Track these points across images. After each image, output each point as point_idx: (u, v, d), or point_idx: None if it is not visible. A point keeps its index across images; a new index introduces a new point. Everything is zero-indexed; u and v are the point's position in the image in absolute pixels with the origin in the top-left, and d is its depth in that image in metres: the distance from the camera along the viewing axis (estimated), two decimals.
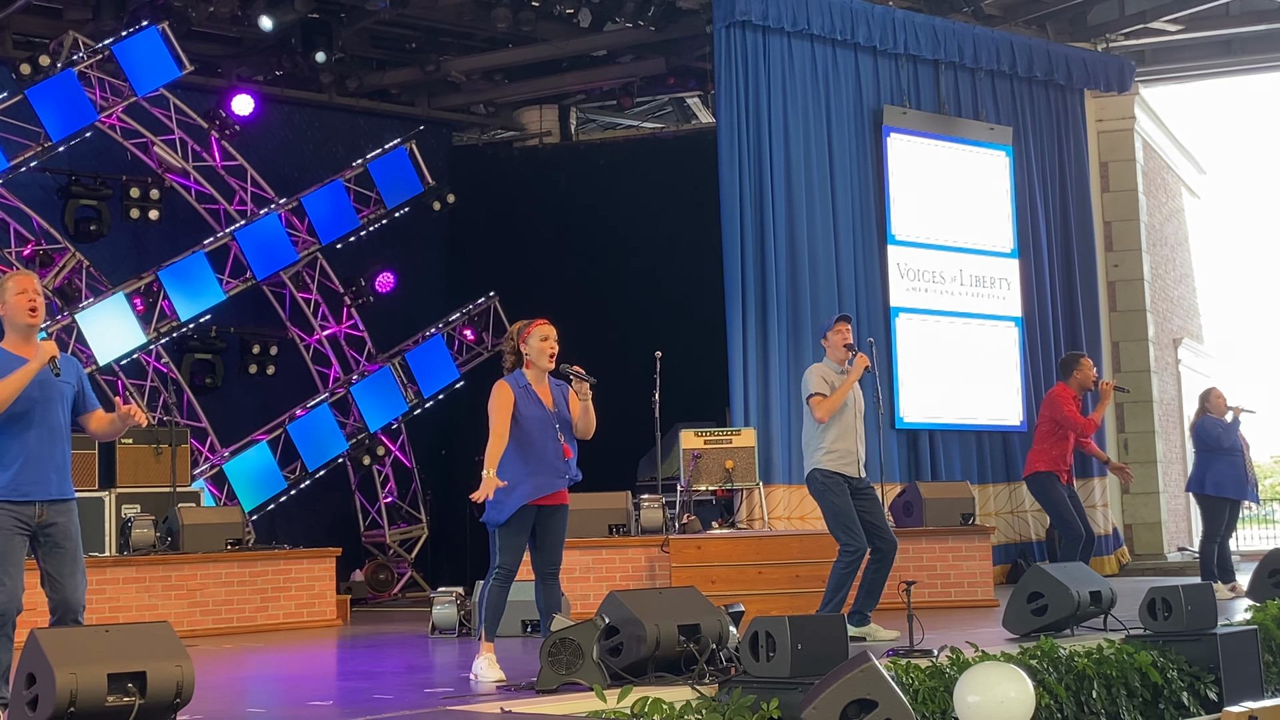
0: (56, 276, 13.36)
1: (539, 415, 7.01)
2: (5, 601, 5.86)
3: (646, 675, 6.44)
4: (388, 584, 14.84)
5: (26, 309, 6.00)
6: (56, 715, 5.16)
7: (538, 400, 7.03)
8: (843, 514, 8.44)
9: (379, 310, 15.44)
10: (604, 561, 10.88)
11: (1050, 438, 10.18)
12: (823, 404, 8.47)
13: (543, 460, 6.98)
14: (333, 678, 8.34)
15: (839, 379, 8.57)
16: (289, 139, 15.84)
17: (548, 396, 7.09)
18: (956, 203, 14.54)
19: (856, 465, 8.52)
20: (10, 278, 6.09)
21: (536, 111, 17.33)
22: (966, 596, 11.14)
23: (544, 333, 7.06)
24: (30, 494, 5.90)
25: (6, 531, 5.86)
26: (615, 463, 13.53)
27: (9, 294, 6.01)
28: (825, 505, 8.53)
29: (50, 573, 5.99)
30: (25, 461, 5.90)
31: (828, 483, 8.47)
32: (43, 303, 6.11)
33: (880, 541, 8.54)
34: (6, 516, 5.87)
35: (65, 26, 13.43)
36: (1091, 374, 10.45)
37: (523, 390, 7.01)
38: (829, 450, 8.48)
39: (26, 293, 6.01)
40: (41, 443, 5.94)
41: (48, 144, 12.89)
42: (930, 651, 7.02)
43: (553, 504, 7.09)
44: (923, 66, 14.51)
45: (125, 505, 12.00)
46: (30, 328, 6.04)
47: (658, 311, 15.27)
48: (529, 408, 6.98)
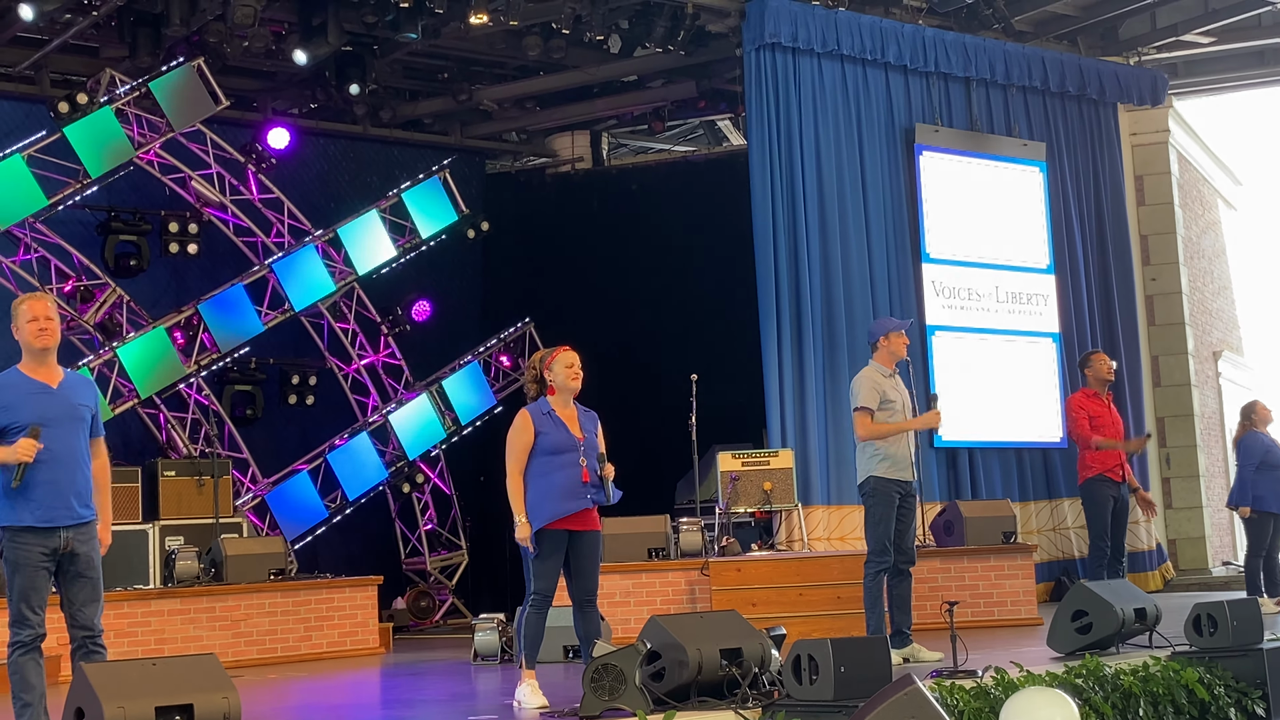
0: (97, 312, 13.48)
1: (562, 440, 7.04)
2: (34, 631, 5.93)
3: (689, 700, 6.43)
4: (429, 611, 14.87)
5: (35, 333, 6.05)
6: None
7: (563, 425, 7.06)
8: (881, 524, 8.50)
9: (416, 339, 15.51)
10: (644, 585, 10.88)
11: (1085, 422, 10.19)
12: (869, 427, 8.50)
13: (562, 485, 7.00)
14: (377, 706, 8.38)
15: (890, 383, 8.59)
16: (324, 171, 15.97)
17: (574, 422, 7.11)
18: (991, 219, 14.51)
19: (910, 468, 8.59)
20: (23, 301, 6.15)
21: (568, 138, 17.40)
22: (1010, 616, 11.07)
23: (568, 360, 7.09)
24: (55, 519, 5.95)
25: (34, 566, 5.93)
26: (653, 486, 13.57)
27: (21, 319, 6.09)
28: (869, 512, 8.62)
29: (73, 601, 6.05)
30: (47, 488, 5.95)
31: (879, 491, 8.52)
32: (55, 325, 6.14)
33: (899, 556, 8.57)
34: (34, 550, 5.93)
35: (102, 64, 13.59)
36: (1105, 367, 10.44)
37: (545, 417, 7.04)
38: (884, 456, 8.52)
39: (38, 320, 6.07)
40: (62, 468, 5.99)
41: (87, 181, 13.03)
42: (974, 672, 6.97)
43: (582, 529, 7.10)
44: (954, 84, 14.50)
45: (169, 537, 12.11)
46: (43, 350, 6.09)
47: (693, 334, 15.28)
48: (552, 433, 7.02)
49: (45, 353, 6.10)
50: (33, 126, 13.18)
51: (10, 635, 5.93)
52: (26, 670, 5.91)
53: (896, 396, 8.62)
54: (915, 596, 10.26)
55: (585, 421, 7.16)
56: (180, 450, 13.63)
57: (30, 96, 13.85)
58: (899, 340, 8.67)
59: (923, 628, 9.53)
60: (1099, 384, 10.40)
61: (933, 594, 10.74)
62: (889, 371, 8.67)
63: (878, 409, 8.55)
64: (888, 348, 8.68)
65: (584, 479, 7.04)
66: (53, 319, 6.12)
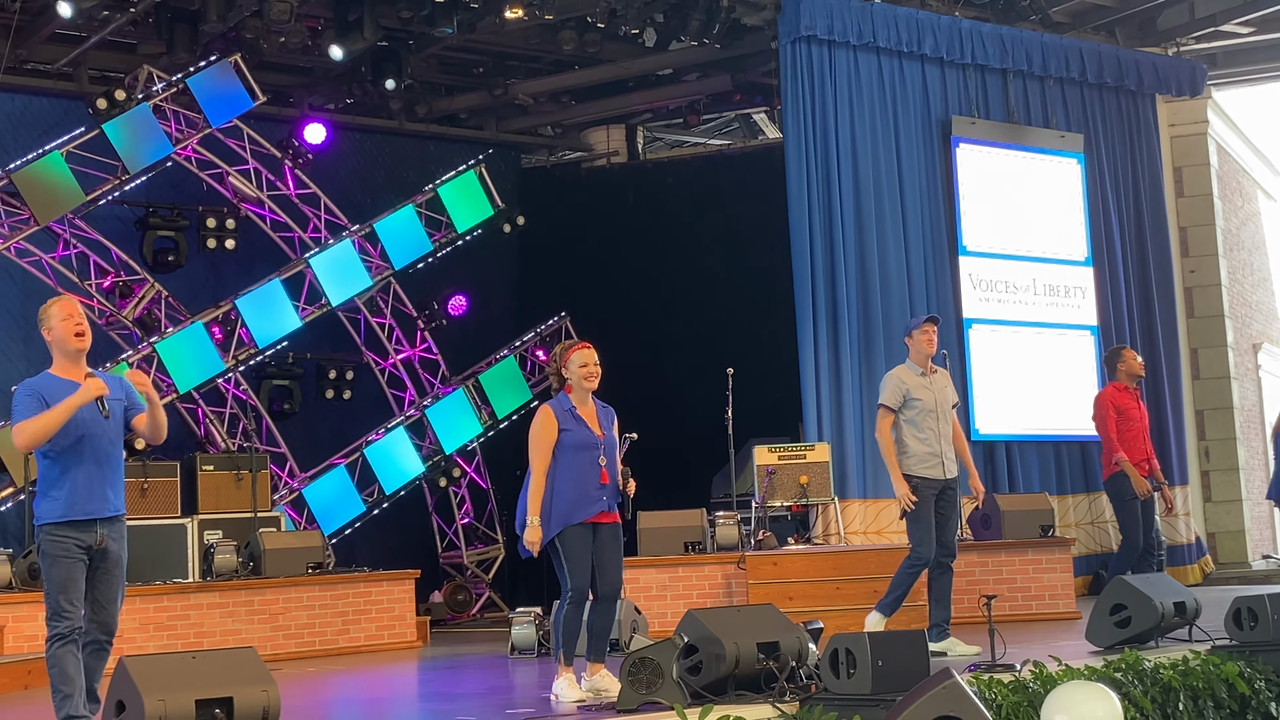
0: (136, 307, 13.58)
1: (584, 438, 7.04)
2: (73, 623, 5.99)
3: (727, 694, 6.43)
4: (466, 605, 14.92)
5: (73, 333, 6.08)
6: None
7: (583, 424, 7.04)
8: (922, 520, 8.52)
9: (452, 333, 15.55)
10: (680, 579, 10.89)
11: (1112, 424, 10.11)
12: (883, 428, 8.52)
13: (581, 485, 7.00)
14: (415, 699, 8.42)
15: (919, 381, 8.57)
16: (360, 166, 16.02)
17: (593, 420, 7.09)
18: (1028, 212, 14.43)
19: (943, 466, 8.59)
20: (54, 303, 6.17)
21: (603, 132, 17.40)
22: (1048, 609, 11.03)
23: (583, 358, 7.04)
24: (91, 512, 6.02)
25: (71, 559, 5.99)
26: (689, 480, 13.59)
27: (54, 319, 6.10)
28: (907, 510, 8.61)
29: (97, 596, 6.10)
30: (83, 481, 6.02)
31: (916, 488, 8.51)
32: (88, 326, 6.19)
33: (940, 550, 8.58)
34: (70, 542, 5.99)
35: (139, 61, 13.67)
36: (1137, 363, 10.37)
37: (567, 413, 7.02)
38: (914, 454, 8.50)
39: (72, 317, 6.10)
40: (97, 462, 6.06)
41: (125, 177, 13.11)
42: (1013, 666, 6.95)
43: (601, 521, 7.09)
44: (991, 76, 14.42)
45: (207, 531, 12.18)
46: (78, 352, 6.13)
47: (728, 328, 15.27)
48: (575, 430, 7.00)
49: (79, 354, 6.14)
50: (71, 123, 13.27)
51: (49, 628, 6.00)
52: (66, 662, 5.97)
53: (926, 395, 8.58)
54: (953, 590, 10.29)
55: (604, 419, 7.14)
56: (218, 445, 13.72)
57: (69, 93, 13.94)
58: (921, 337, 8.65)
59: (961, 621, 9.50)
60: (1130, 379, 10.32)
61: (970, 588, 10.70)
62: (920, 370, 8.64)
63: (902, 407, 8.53)
64: (913, 345, 8.69)
65: (603, 480, 7.02)
66: (85, 319, 6.17)
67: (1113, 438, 10.06)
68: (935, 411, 8.60)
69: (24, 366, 13.30)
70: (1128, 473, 10.01)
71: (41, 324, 6.14)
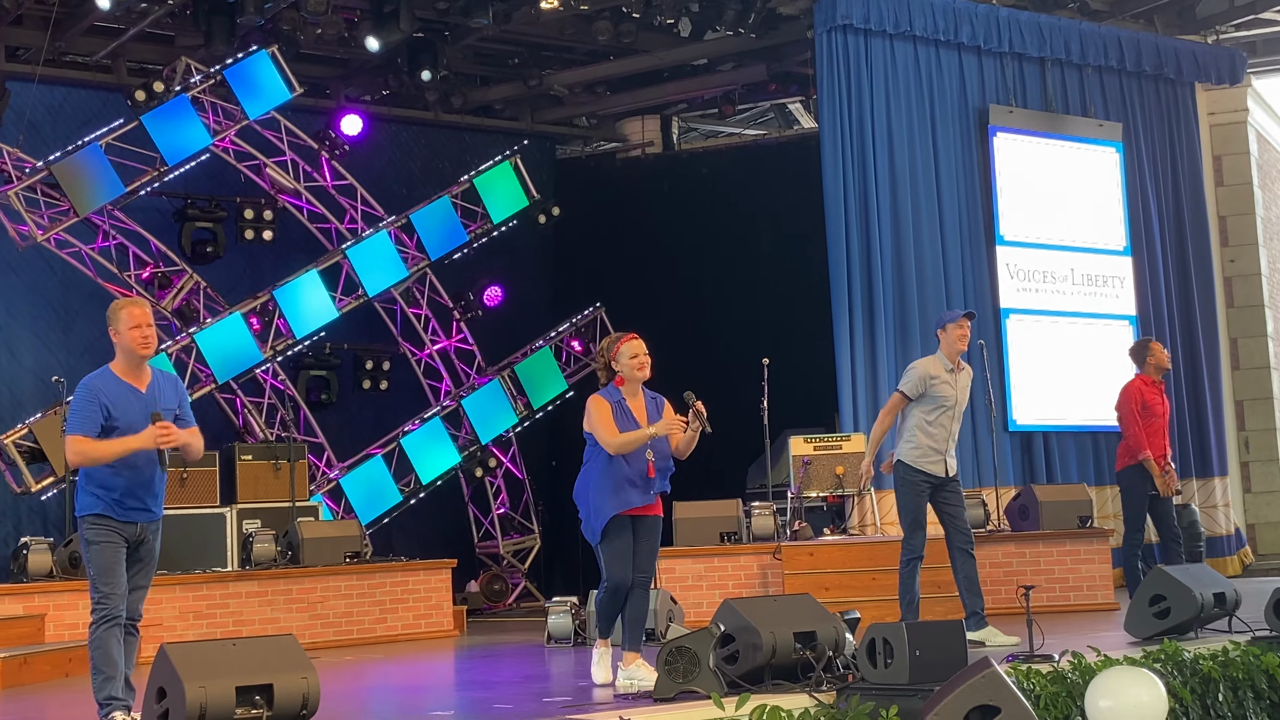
0: (175, 298, 13.67)
1: None
2: (116, 605, 6.09)
3: (763, 683, 6.43)
4: (502, 594, 14.96)
5: (139, 341, 6.12)
6: None
7: (632, 417, 7.00)
8: (912, 511, 8.53)
9: (488, 323, 15.58)
10: (716, 570, 10.90)
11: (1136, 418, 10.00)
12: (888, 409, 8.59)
13: (630, 478, 6.97)
14: (452, 688, 8.44)
15: (946, 376, 8.53)
16: (396, 157, 16.07)
17: (642, 412, 7.05)
18: (1066, 201, 14.34)
19: (943, 465, 8.54)
20: (124, 307, 6.19)
21: (638, 122, 17.40)
22: (1086, 600, 10.98)
23: (633, 349, 6.99)
24: (134, 518, 6.17)
25: (113, 545, 6.11)
26: (724, 471, 13.57)
27: (122, 324, 6.13)
28: (899, 498, 8.66)
29: (130, 582, 6.21)
30: (130, 488, 6.14)
31: (909, 479, 8.54)
32: (154, 333, 6.21)
33: (957, 535, 8.56)
34: (113, 531, 6.12)
35: (178, 53, 13.75)
36: (1164, 355, 10.24)
37: (617, 405, 6.99)
38: (918, 446, 8.47)
39: (140, 327, 6.12)
40: (143, 471, 6.15)
41: (163, 168, 13.19)
42: (1051, 656, 6.92)
43: (644, 514, 7.08)
44: (1029, 64, 14.34)
45: (246, 521, 12.27)
46: (143, 359, 6.20)
47: (764, 318, 15.24)
48: (622, 425, 6.97)
49: (144, 360, 6.20)
50: (110, 115, 13.37)
51: (93, 612, 6.09)
52: (108, 644, 6.05)
53: (949, 392, 8.53)
54: (990, 581, 10.27)
55: (652, 411, 7.10)
56: (257, 435, 13.80)
57: (107, 85, 14.04)
58: (955, 330, 8.56)
59: (998, 612, 9.48)
60: (1157, 371, 10.19)
61: (1008, 578, 10.67)
62: (949, 365, 8.58)
63: (921, 398, 8.48)
64: (945, 339, 8.61)
65: (649, 473, 7.00)
66: (153, 326, 6.18)
67: (1139, 433, 9.95)
68: (954, 410, 8.56)
69: (63, 356, 13.44)
70: (1151, 470, 9.91)
71: (110, 324, 6.16)
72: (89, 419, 6.01)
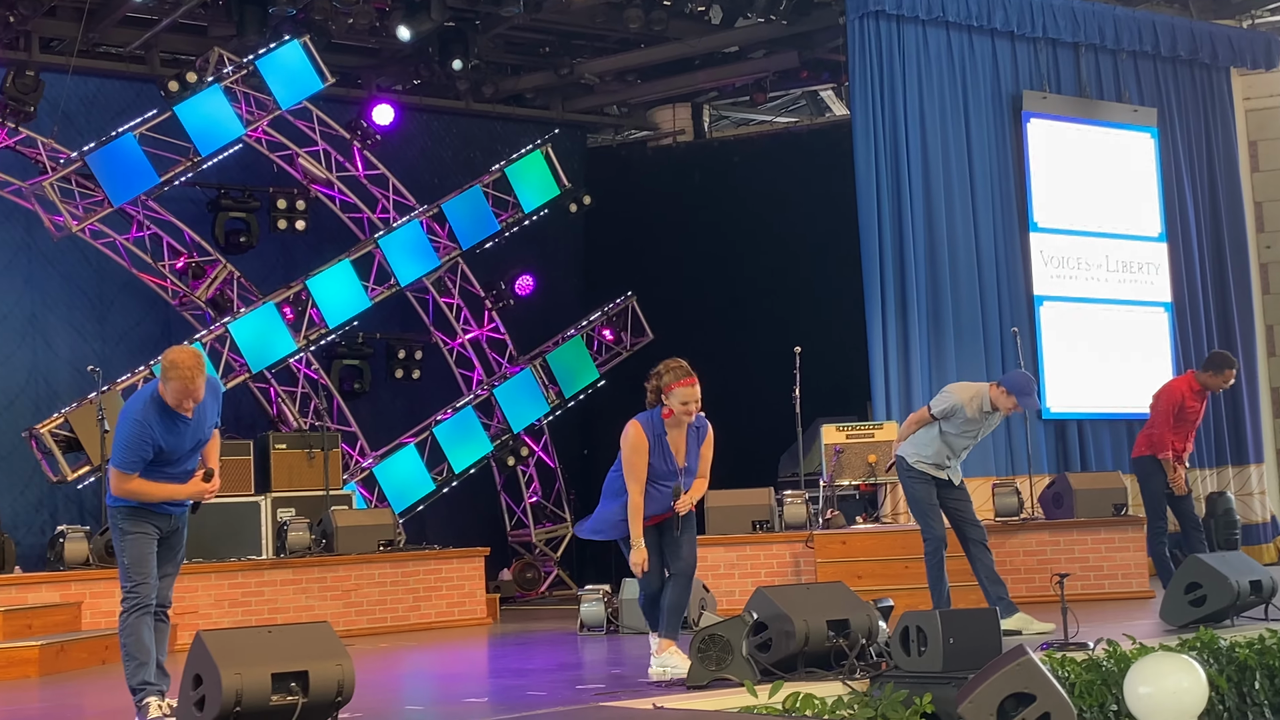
0: (209, 288, 13.73)
1: (666, 470, 7.01)
2: (147, 594, 6.19)
3: (796, 671, 6.44)
4: (535, 582, 15.00)
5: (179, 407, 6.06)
6: (223, 715, 5.33)
7: (669, 454, 7.01)
8: (921, 502, 8.52)
9: (519, 313, 15.61)
10: (748, 558, 10.89)
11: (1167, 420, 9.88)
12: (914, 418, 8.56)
13: (654, 499, 7.01)
14: (485, 675, 8.47)
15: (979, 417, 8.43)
16: (428, 147, 16.10)
17: (681, 449, 7.04)
18: (1101, 187, 14.25)
19: (945, 474, 8.54)
20: (178, 372, 6.02)
21: (669, 110, 17.37)
22: (1120, 588, 10.91)
23: (685, 395, 6.92)
24: (168, 509, 6.31)
25: (147, 536, 6.22)
26: (756, 459, 13.56)
27: (170, 381, 6.03)
28: (906, 492, 8.65)
29: (159, 570, 6.31)
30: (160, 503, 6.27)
31: (912, 473, 8.54)
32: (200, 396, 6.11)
33: (972, 530, 8.57)
34: (147, 522, 6.22)
35: (210, 43, 13.79)
36: (1229, 384, 10.11)
37: (656, 439, 6.99)
38: (927, 456, 8.49)
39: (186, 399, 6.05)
40: (181, 478, 6.27)
41: (197, 159, 13.24)
42: (1086, 644, 6.90)
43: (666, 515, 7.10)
44: (1062, 50, 14.25)
45: (280, 509, 12.33)
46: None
47: (796, 306, 15.21)
48: (658, 460, 6.98)
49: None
50: (143, 105, 13.42)
51: (124, 599, 6.16)
52: (140, 631, 6.11)
53: (973, 428, 8.47)
54: (1024, 569, 10.29)
55: (693, 444, 7.07)
56: (291, 424, 13.86)
57: (141, 76, 14.10)
58: (1008, 400, 8.39)
59: (1033, 599, 9.46)
60: (1208, 388, 10.03)
61: (1042, 566, 10.63)
62: (989, 410, 8.49)
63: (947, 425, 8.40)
64: (999, 397, 8.44)
65: (675, 504, 6.99)
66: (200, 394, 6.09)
67: (1165, 435, 9.85)
68: (977, 437, 8.58)
69: (99, 346, 13.54)
70: (1166, 470, 9.82)
71: (161, 372, 6.09)
72: (138, 457, 6.08)
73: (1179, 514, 10.03)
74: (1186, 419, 9.93)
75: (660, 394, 6.98)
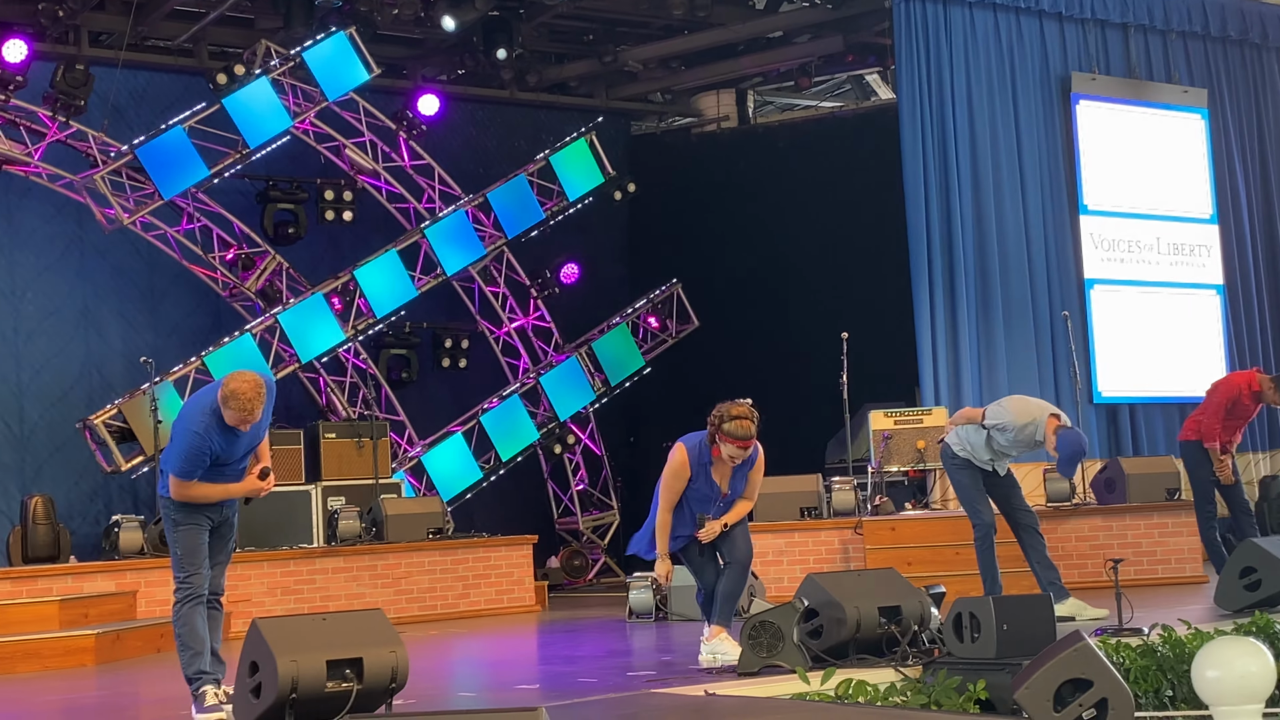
0: (259, 279, 13.82)
1: (707, 495, 7.04)
2: (200, 584, 6.27)
3: (848, 657, 6.42)
4: (582, 570, 15.03)
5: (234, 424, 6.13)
6: (279, 702, 5.36)
7: (712, 483, 7.03)
8: (967, 489, 8.49)
9: (564, 301, 15.63)
10: (796, 545, 10.87)
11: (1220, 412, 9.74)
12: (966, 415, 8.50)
13: (691, 523, 7.07)
14: (535, 662, 8.51)
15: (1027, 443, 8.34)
16: (473, 136, 16.12)
17: (725, 479, 7.05)
18: (1151, 169, 14.13)
19: (991, 466, 8.50)
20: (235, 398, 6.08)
21: (713, 96, 17.31)
22: (1174, 573, 10.82)
23: (735, 452, 6.89)
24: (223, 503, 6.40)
25: (199, 528, 6.30)
26: (803, 445, 13.53)
27: (229, 410, 6.09)
28: (952, 479, 8.64)
29: (211, 559, 6.39)
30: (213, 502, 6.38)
31: (956, 460, 8.51)
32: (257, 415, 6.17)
33: (1023, 516, 8.54)
34: (200, 514, 6.31)
35: (257, 36, 13.85)
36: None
37: (702, 468, 7.02)
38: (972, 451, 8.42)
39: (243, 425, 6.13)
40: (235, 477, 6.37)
41: (245, 151, 13.31)
42: (1140, 630, 6.85)
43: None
44: (1111, 31, 14.13)
45: (331, 498, 12.40)
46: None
47: (843, 292, 15.14)
48: (701, 486, 7.02)
49: None
50: (192, 98, 13.50)
51: (177, 589, 6.23)
52: (193, 621, 6.18)
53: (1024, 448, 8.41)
54: (1077, 554, 10.22)
55: (738, 474, 7.06)
56: (340, 413, 13.94)
57: (189, 69, 14.18)
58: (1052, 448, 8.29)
59: (1086, 585, 9.39)
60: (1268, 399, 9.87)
61: (1094, 552, 10.56)
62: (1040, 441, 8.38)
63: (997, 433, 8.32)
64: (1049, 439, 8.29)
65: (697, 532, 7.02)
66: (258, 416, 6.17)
67: (1214, 427, 9.73)
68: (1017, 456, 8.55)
69: (150, 337, 13.64)
70: (1212, 459, 9.71)
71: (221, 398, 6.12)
72: (196, 466, 6.16)
73: (1229, 500, 9.93)
74: (1238, 415, 9.82)
75: (716, 434, 6.95)
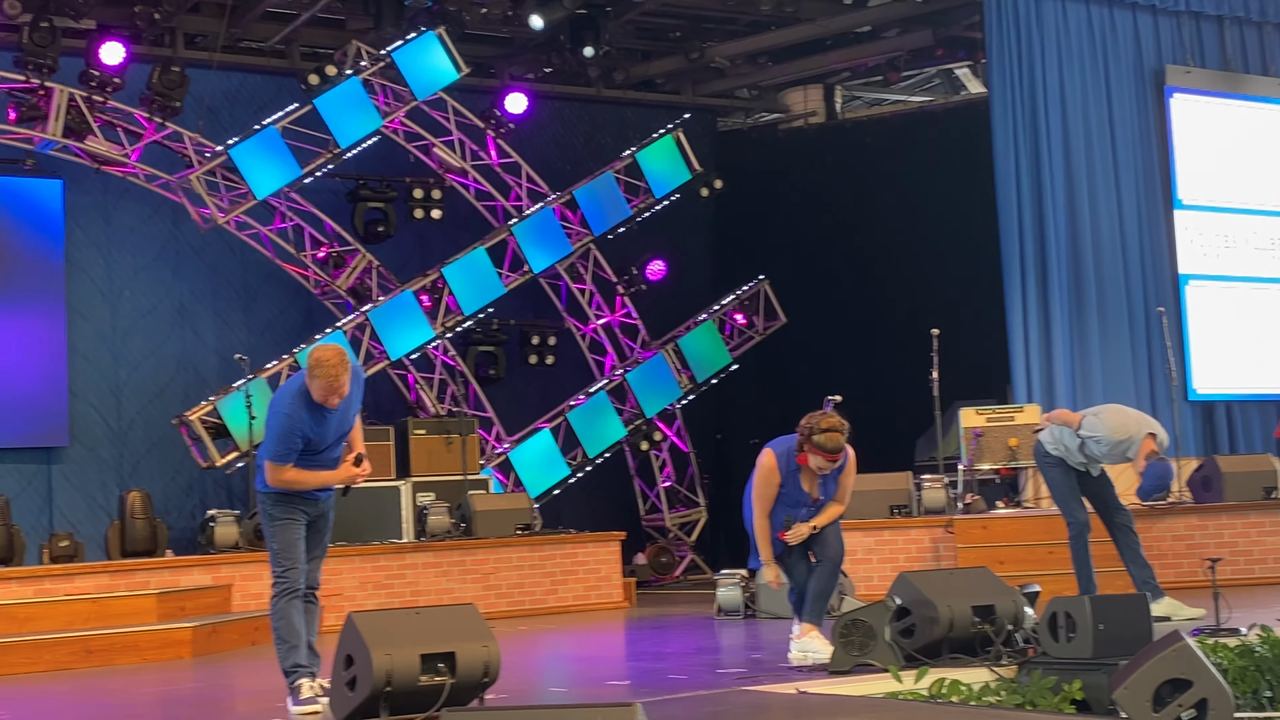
0: (349, 277, 13.98)
1: (796, 499, 7.02)
2: (296, 579, 6.30)
3: (941, 657, 6.37)
4: (670, 567, 15.03)
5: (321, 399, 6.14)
6: (374, 695, 5.42)
7: (800, 488, 7.01)
8: (1060, 487, 8.40)
9: (651, 298, 15.64)
10: (886, 543, 10.80)
11: None
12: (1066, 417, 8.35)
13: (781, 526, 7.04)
14: (624, 659, 8.53)
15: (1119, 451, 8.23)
16: (560, 134, 16.19)
17: (814, 485, 7.03)
18: (1248, 163, 13.89)
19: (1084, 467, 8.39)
20: (321, 366, 6.11)
21: (801, 92, 17.25)
22: (1271, 573, 10.61)
23: (822, 464, 6.88)
24: (316, 495, 6.41)
25: (296, 523, 6.33)
26: (893, 443, 13.44)
27: (316, 379, 6.12)
28: (1046, 478, 8.56)
29: (307, 553, 6.42)
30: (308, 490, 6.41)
31: (1049, 459, 8.42)
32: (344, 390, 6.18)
33: (1118, 515, 8.44)
34: (298, 510, 6.33)
35: (348, 36, 14.01)
36: None
37: (790, 474, 7.00)
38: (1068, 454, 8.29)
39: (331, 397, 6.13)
40: (329, 465, 6.38)
41: (337, 150, 13.46)
42: (1238, 630, 6.73)
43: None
44: (1206, 23, 13.90)
45: (420, 494, 12.52)
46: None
47: (933, 288, 15.02)
48: (790, 490, 7.01)
49: None
50: (284, 99, 13.68)
51: (275, 583, 6.29)
52: (290, 614, 6.24)
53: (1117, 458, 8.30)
54: (1172, 554, 10.07)
55: (829, 479, 7.03)
56: (429, 410, 14.06)
57: (281, 70, 14.38)
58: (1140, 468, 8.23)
59: (1182, 585, 9.24)
60: None
61: (1190, 551, 10.39)
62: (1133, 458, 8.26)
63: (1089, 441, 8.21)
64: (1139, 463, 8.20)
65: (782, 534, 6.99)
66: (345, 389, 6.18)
67: None
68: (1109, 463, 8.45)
69: (244, 335, 13.85)
70: None
71: (307, 370, 6.18)
72: (289, 449, 6.19)
73: None
74: None
75: (805, 443, 6.92)
